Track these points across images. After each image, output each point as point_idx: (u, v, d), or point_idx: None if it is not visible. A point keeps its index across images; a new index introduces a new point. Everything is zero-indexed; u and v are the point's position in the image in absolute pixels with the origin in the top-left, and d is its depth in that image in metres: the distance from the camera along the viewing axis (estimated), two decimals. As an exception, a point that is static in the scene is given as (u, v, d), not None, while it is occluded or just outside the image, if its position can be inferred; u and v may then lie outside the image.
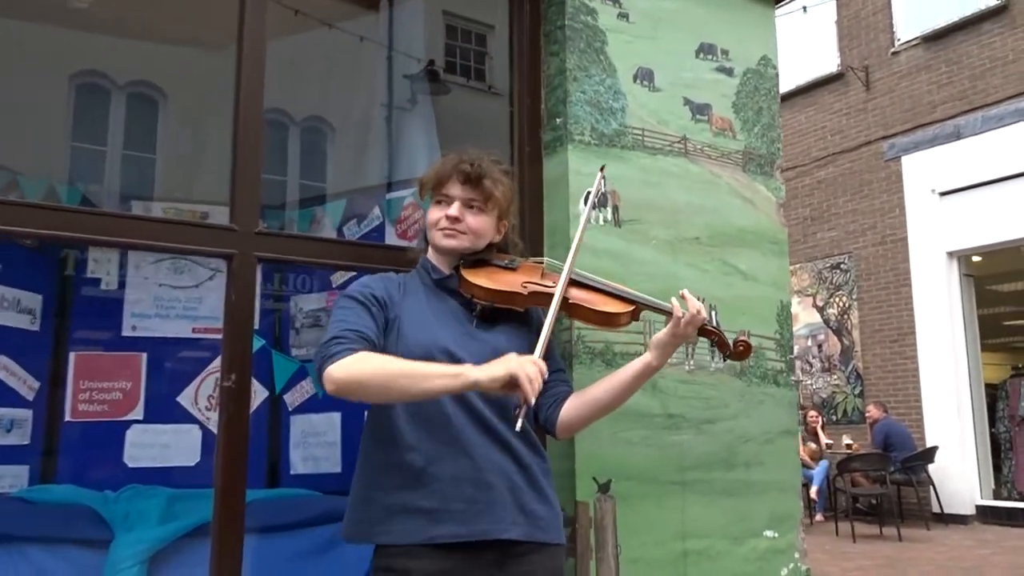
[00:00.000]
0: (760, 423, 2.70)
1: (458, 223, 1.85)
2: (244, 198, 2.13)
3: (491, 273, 1.89)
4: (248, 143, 2.13)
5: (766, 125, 2.95)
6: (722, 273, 2.72)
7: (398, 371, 1.59)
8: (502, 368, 1.56)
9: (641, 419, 2.49)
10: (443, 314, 1.84)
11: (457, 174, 1.86)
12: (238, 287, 2.08)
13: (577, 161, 2.51)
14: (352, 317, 1.73)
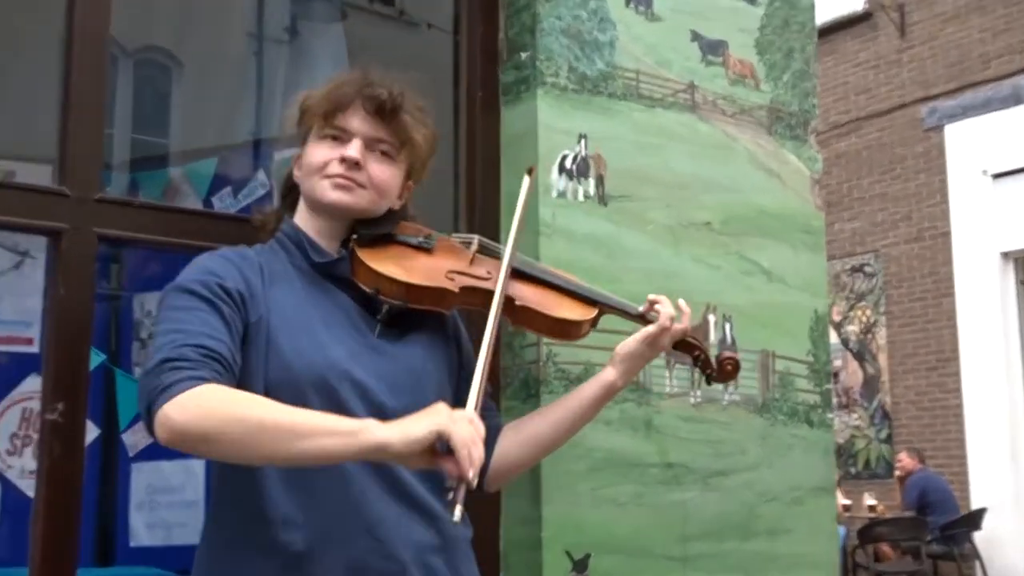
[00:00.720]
0: (787, 476, 2.72)
1: (358, 170, 1.77)
2: (81, 150, 2.05)
3: (401, 257, 1.82)
4: (88, 70, 2.07)
5: (798, 73, 2.97)
6: (739, 271, 2.74)
7: (267, 421, 1.46)
8: (423, 426, 1.45)
9: (631, 470, 2.47)
10: (332, 316, 1.75)
11: (363, 100, 1.79)
12: (70, 277, 2.00)
13: (549, 111, 2.50)
14: (193, 324, 1.58)
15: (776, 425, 2.73)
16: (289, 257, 1.79)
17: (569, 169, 2.48)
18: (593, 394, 1.94)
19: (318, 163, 1.78)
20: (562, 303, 1.94)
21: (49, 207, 2.02)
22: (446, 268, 1.84)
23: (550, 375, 2.39)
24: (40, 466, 1.99)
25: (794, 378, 2.79)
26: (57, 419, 1.96)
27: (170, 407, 1.47)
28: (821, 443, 2.81)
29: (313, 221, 1.82)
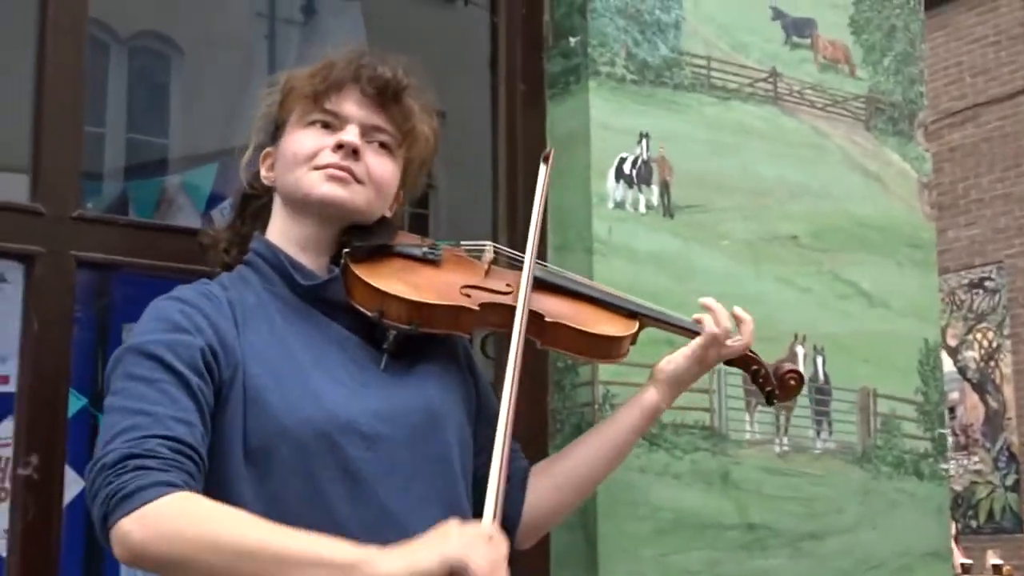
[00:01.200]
0: (893, 539, 2.68)
1: (355, 160, 1.73)
2: (55, 161, 2.06)
3: (404, 271, 1.77)
4: (63, 68, 2.07)
5: (902, 56, 2.95)
6: (833, 294, 2.71)
7: (247, 547, 1.40)
8: (433, 557, 1.38)
9: (704, 532, 2.45)
10: (324, 353, 1.69)
11: (362, 81, 1.74)
12: (45, 307, 2.01)
13: (604, 107, 2.49)
14: (160, 404, 1.50)
15: (879, 478, 2.70)
16: (265, 284, 1.73)
17: (628, 175, 2.48)
18: (634, 421, 1.93)
19: (306, 151, 1.72)
20: (599, 317, 1.92)
21: (21, 227, 2.02)
22: (459, 282, 1.79)
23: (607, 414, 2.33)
24: (12, 528, 2.00)
25: (900, 422, 2.76)
26: (31, 475, 1.97)
27: (130, 522, 1.40)
28: (934, 499, 2.77)
29: (294, 230, 1.76)
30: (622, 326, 1.92)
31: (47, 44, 2.07)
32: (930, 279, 2.88)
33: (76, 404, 2.67)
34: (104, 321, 3.23)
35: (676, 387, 1.95)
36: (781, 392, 2.01)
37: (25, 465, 1.97)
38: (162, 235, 2.28)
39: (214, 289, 1.70)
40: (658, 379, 1.94)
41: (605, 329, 1.88)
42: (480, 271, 1.85)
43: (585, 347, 1.88)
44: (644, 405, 1.93)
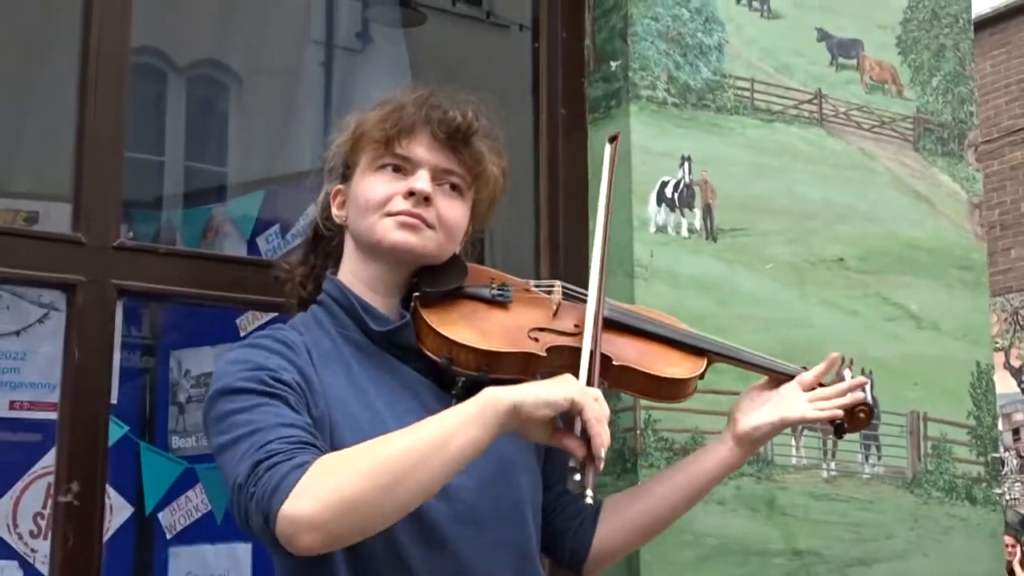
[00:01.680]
0: (945, 566, 2.64)
1: (426, 207, 1.73)
2: (96, 190, 2.08)
3: (473, 316, 1.77)
4: (105, 98, 2.10)
5: (951, 76, 2.92)
6: (881, 317, 2.70)
7: (396, 455, 1.45)
8: (558, 391, 1.50)
9: (749, 560, 2.42)
10: (399, 399, 1.70)
11: (433, 124, 1.74)
12: (86, 336, 2.03)
13: (645, 130, 2.49)
14: (264, 419, 1.54)
15: (930, 503, 2.66)
16: (337, 326, 1.75)
17: (670, 199, 2.46)
18: (711, 472, 1.92)
19: (378, 198, 1.73)
20: (665, 357, 1.89)
21: (62, 256, 2.05)
22: (528, 325, 1.79)
23: (649, 445, 2.35)
24: (53, 557, 2.01)
25: (952, 446, 2.72)
26: (72, 501, 1.98)
27: (292, 504, 1.42)
28: (987, 525, 2.73)
29: (366, 272, 1.77)
30: (690, 366, 1.90)
31: (89, 73, 2.09)
32: (981, 301, 2.85)
33: (117, 432, 2.69)
34: (153, 346, 3.25)
35: (757, 446, 1.97)
36: (851, 425, 1.98)
37: (66, 492, 1.97)
38: (203, 263, 2.31)
39: (291, 337, 1.70)
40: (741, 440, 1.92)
41: (673, 372, 1.87)
42: (549, 311, 1.84)
43: (652, 389, 1.88)
44: (723, 461, 1.92)
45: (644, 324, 1.92)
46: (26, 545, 2.88)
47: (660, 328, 1.94)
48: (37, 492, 2.86)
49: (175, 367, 3.19)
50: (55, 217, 3.04)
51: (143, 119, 6.46)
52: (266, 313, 2.84)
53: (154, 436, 3.16)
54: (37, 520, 2.88)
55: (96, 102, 2.09)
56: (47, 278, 2.08)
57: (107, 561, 2.08)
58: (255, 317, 3.03)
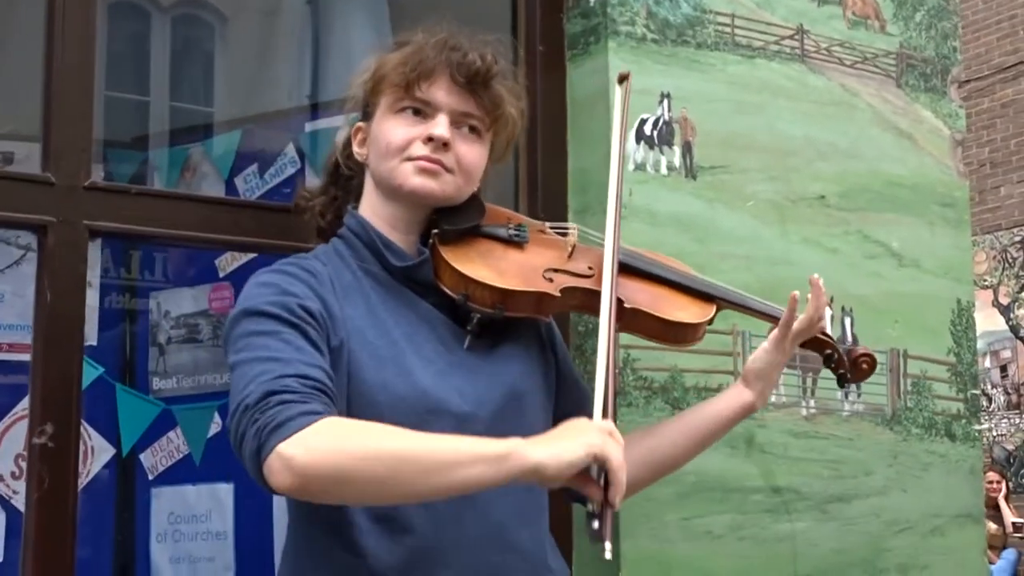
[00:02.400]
0: (924, 502, 2.66)
1: (445, 151, 1.76)
2: (66, 130, 2.05)
3: (490, 255, 1.81)
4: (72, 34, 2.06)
5: (935, 10, 2.91)
6: (862, 255, 2.70)
7: (407, 453, 1.47)
8: (579, 448, 1.48)
9: (729, 496, 2.43)
10: (417, 331, 1.74)
11: (453, 68, 1.76)
12: (57, 278, 2.01)
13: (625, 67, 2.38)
14: (284, 351, 1.56)
15: (909, 440, 2.67)
16: (358, 260, 1.78)
17: (649, 136, 2.45)
18: (726, 414, 1.96)
19: (398, 142, 1.76)
20: (676, 301, 1.93)
21: (32, 197, 2.02)
22: (543, 265, 1.83)
23: (629, 384, 2.35)
24: (28, 498, 2.00)
25: (931, 383, 2.74)
26: (46, 443, 1.97)
27: (289, 447, 1.44)
28: (966, 461, 2.74)
29: (386, 210, 1.80)
30: (699, 311, 1.93)
31: (56, 8, 2.05)
32: (963, 239, 2.85)
33: (92, 374, 2.69)
34: (132, 291, 3.24)
35: (768, 382, 1.97)
36: (854, 375, 2.01)
37: (40, 434, 1.96)
38: (176, 203, 2.28)
39: (315, 266, 1.74)
40: (749, 378, 1.96)
41: (682, 316, 1.90)
42: (564, 252, 1.88)
43: (661, 333, 1.91)
44: (741, 402, 1.96)
45: (655, 268, 1.95)
46: (8, 487, 2.88)
47: (671, 273, 1.96)
48: (17, 434, 2.84)
49: (155, 308, 3.19)
50: (33, 158, 3.02)
51: (127, 59, 6.40)
52: (244, 254, 2.84)
53: (134, 378, 3.15)
54: (18, 462, 2.87)
55: (64, 39, 2.05)
56: (16, 218, 2.05)
57: (88, 501, 2.10)
58: (234, 258, 3.03)
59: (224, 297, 3.09)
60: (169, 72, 6.89)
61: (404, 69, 1.76)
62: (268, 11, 5.31)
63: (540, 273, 1.81)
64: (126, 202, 2.13)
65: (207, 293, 3.14)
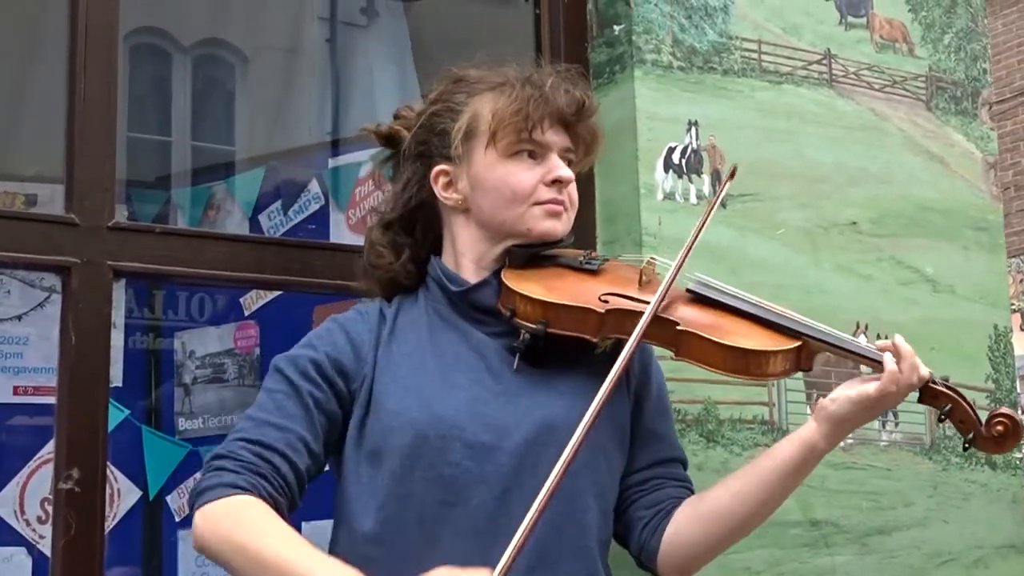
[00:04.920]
0: (966, 533, 2.63)
1: (566, 192, 1.80)
2: (89, 170, 2.05)
3: (552, 277, 1.79)
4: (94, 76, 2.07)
5: (964, 32, 2.90)
6: (896, 281, 2.68)
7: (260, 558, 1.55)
8: None
9: (766, 531, 2.32)
10: (460, 359, 1.75)
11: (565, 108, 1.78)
12: (82, 319, 2.00)
13: (651, 95, 2.47)
14: (265, 411, 1.70)
15: (949, 470, 2.64)
16: (428, 300, 1.81)
17: (677, 165, 2.43)
18: (791, 457, 1.73)
19: (527, 189, 1.76)
20: (746, 329, 1.76)
21: (56, 238, 2.02)
22: (603, 289, 1.77)
23: None
24: (55, 543, 1.99)
25: None
26: (72, 488, 1.96)
27: (199, 516, 1.60)
28: (1008, 490, 2.71)
29: (479, 248, 1.80)
30: (768, 341, 1.74)
31: (77, 50, 2.06)
32: (998, 262, 2.83)
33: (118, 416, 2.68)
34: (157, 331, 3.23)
35: (840, 428, 1.72)
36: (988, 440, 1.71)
37: (66, 479, 1.96)
38: (200, 242, 2.27)
39: (372, 306, 1.82)
40: (819, 416, 1.72)
41: (743, 342, 1.72)
42: (635, 282, 1.80)
43: (720, 360, 1.72)
44: (804, 442, 1.73)
45: (736, 302, 1.80)
46: (34, 531, 2.88)
47: (753, 307, 1.79)
48: (43, 478, 2.85)
49: (180, 348, 3.18)
50: (57, 200, 3.03)
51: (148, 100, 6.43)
52: (268, 292, 2.83)
53: (160, 419, 3.16)
54: (44, 506, 2.87)
55: (86, 80, 2.06)
56: (41, 260, 2.04)
57: (116, 544, 2.09)
58: (259, 296, 3.03)
59: (249, 336, 3.09)
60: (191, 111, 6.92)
61: (521, 110, 1.75)
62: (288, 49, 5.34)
63: (597, 294, 1.75)
64: (150, 242, 2.12)
65: (232, 332, 3.15)
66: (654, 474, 1.81)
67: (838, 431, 1.72)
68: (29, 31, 3.48)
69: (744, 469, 1.80)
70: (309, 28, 5.38)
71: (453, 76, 1.84)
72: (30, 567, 2.88)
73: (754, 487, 1.75)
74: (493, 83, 1.80)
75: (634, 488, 1.82)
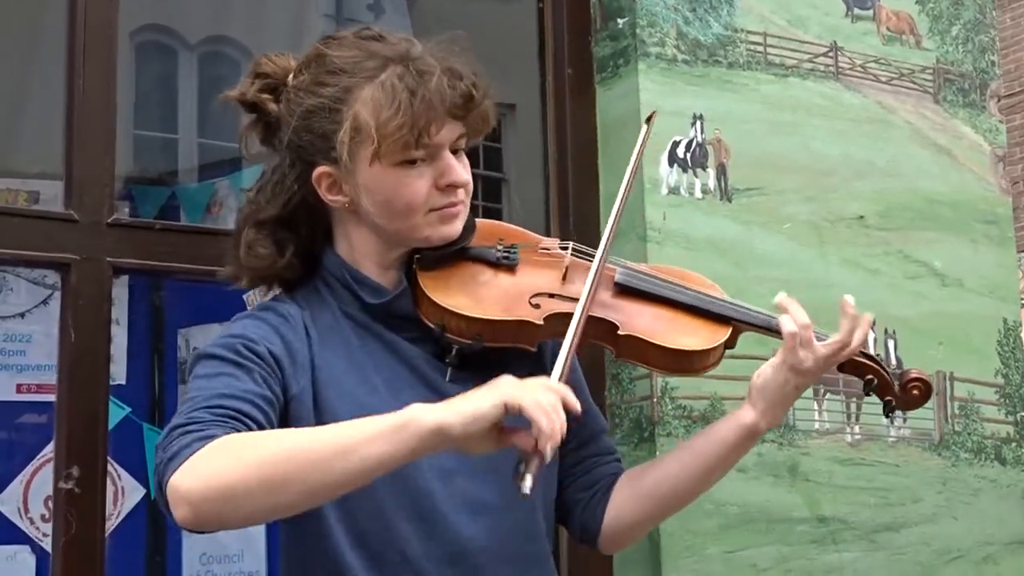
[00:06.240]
0: (975, 529, 2.62)
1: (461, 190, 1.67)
2: (87, 165, 2.04)
3: (472, 280, 1.69)
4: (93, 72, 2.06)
5: (971, 24, 2.88)
6: (904, 275, 2.67)
7: (295, 450, 1.40)
8: (487, 400, 1.37)
9: (773, 528, 2.39)
10: (396, 374, 1.66)
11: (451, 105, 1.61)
12: (81, 316, 2.00)
13: (655, 89, 2.46)
14: (212, 388, 1.52)
15: (958, 465, 2.63)
16: (337, 301, 1.69)
17: (682, 159, 2.42)
18: (727, 437, 1.72)
19: (421, 200, 1.63)
20: (683, 325, 1.72)
21: (56, 235, 2.01)
22: (530, 291, 1.68)
23: (667, 413, 2.31)
24: (55, 542, 1.98)
25: (979, 406, 2.69)
26: (72, 488, 1.95)
27: (178, 477, 1.38)
28: (1017, 486, 2.70)
29: (376, 249, 1.69)
30: (707, 336, 1.71)
31: (76, 47, 2.06)
32: (1007, 256, 2.82)
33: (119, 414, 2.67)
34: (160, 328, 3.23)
35: (772, 401, 1.69)
36: (904, 401, 1.75)
37: (66, 478, 1.95)
38: (200, 238, 2.27)
39: (290, 310, 1.67)
40: (751, 394, 1.71)
41: (686, 342, 1.69)
42: (558, 274, 1.72)
43: (664, 363, 1.72)
44: (739, 422, 1.71)
45: (662, 289, 1.76)
46: (37, 529, 2.89)
47: (680, 293, 1.76)
48: (46, 476, 2.85)
49: (183, 345, 3.19)
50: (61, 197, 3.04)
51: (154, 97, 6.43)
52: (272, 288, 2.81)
53: (163, 416, 3.15)
54: (47, 504, 2.86)
55: (84, 76, 2.05)
56: (40, 257, 2.04)
57: (119, 541, 2.08)
58: (260, 292, 3.00)
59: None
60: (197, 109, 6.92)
61: (405, 122, 1.58)
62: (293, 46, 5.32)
63: (526, 299, 1.67)
64: (150, 238, 2.11)
65: (235, 329, 3.15)
66: (587, 453, 1.78)
67: (775, 404, 1.69)
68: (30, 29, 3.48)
69: (681, 450, 1.79)
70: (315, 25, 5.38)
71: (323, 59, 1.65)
72: (33, 565, 2.87)
73: (694, 468, 1.74)
74: (368, 71, 1.62)
75: (568, 470, 1.79)
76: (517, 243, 1.75)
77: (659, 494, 1.77)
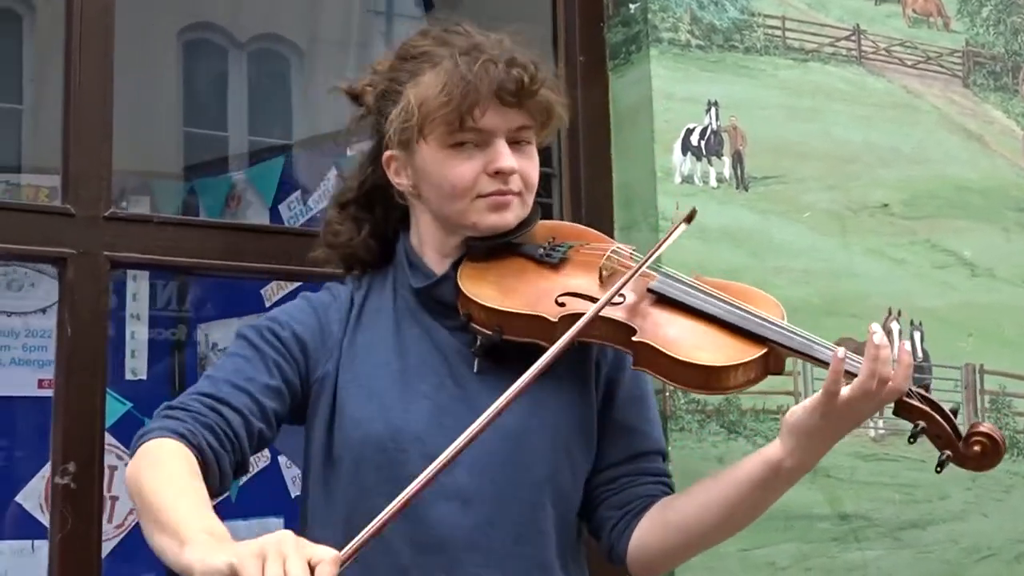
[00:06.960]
0: (1007, 526, 2.60)
1: (514, 179, 1.68)
2: (84, 160, 2.04)
3: (509, 275, 1.70)
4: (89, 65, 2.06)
5: (1003, 5, 2.86)
6: (931, 265, 2.65)
7: (147, 498, 1.46)
8: (225, 556, 1.31)
9: (792, 524, 2.37)
10: (424, 362, 1.70)
11: (499, 88, 1.63)
12: (78, 312, 2.00)
13: (668, 75, 2.45)
14: (223, 371, 1.64)
15: None
16: (396, 285, 1.76)
17: (696, 147, 2.40)
18: (752, 471, 1.61)
19: (467, 183, 1.65)
20: (710, 340, 1.62)
21: (53, 230, 2.01)
22: (562, 289, 1.67)
23: (680, 408, 2.29)
24: (52, 539, 1.99)
25: (1011, 399, 2.66)
26: (69, 484, 1.95)
27: (132, 457, 1.53)
28: None
29: (438, 237, 1.73)
30: (731, 353, 1.60)
31: (72, 39, 2.06)
32: None
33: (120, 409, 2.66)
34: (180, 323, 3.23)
35: (806, 442, 1.56)
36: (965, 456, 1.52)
37: (63, 474, 1.95)
38: (200, 232, 2.27)
39: (343, 291, 1.77)
40: (782, 430, 1.58)
41: (701, 357, 1.59)
42: (596, 276, 1.69)
43: (681, 376, 1.61)
44: (763, 456, 1.60)
45: (694, 300, 1.66)
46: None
47: (712, 306, 1.64)
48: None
49: (203, 340, 3.20)
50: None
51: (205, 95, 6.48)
52: (289, 283, 2.82)
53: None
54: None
55: (80, 69, 2.05)
56: (37, 252, 2.05)
57: (129, 539, 2.05)
58: (280, 287, 3.04)
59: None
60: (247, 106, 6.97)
61: (449, 102, 1.63)
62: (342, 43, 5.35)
63: (554, 297, 1.65)
64: (147, 231, 2.11)
65: (253, 324, 3.17)
66: (625, 471, 1.72)
67: (805, 446, 1.56)
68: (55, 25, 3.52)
69: (712, 479, 1.67)
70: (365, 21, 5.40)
71: (404, 48, 1.73)
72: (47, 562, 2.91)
73: (718, 501, 1.64)
74: (435, 60, 1.67)
75: (603, 487, 1.73)
76: (569, 242, 1.75)
77: (685, 525, 1.67)
